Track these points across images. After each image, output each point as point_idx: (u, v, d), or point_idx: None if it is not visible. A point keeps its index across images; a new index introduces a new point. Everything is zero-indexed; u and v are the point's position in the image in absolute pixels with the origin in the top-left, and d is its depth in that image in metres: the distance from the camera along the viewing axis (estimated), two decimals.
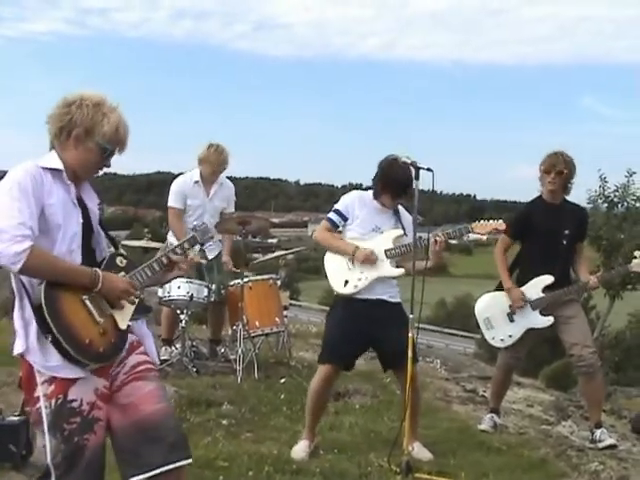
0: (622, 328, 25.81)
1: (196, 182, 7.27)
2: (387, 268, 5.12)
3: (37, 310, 2.86)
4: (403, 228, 5.20)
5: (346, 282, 5.14)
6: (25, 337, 2.91)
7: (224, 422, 5.56)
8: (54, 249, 2.95)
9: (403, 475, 4.61)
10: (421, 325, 4.96)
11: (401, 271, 5.13)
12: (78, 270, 2.96)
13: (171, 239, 7.26)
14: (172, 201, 7.27)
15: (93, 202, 3.24)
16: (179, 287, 6.85)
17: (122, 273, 3.14)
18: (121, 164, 3.31)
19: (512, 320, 5.82)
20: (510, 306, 5.81)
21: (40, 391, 2.93)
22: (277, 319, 7.21)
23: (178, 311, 7.07)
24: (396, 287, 5.27)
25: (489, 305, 6.01)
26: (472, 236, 5.30)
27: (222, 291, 7.31)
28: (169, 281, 3.81)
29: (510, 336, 5.81)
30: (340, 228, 5.28)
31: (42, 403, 2.92)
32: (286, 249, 9.31)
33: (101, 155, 3.11)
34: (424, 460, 5.02)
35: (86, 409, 2.93)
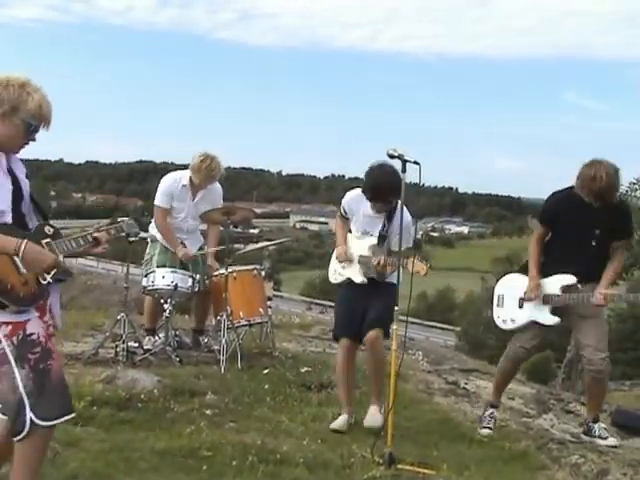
0: None
1: (184, 186, 7.24)
2: (355, 273, 5.77)
3: None
4: (385, 233, 5.68)
5: (335, 271, 5.94)
6: None
7: (208, 412, 5.55)
8: None
9: (386, 466, 4.64)
10: (402, 317, 5.05)
11: (362, 280, 5.72)
12: (2, 240, 3.26)
13: (152, 231, 7.36)
14: (159, 201, 7.26)
15: (22, 172, 3.53)
16: (163, 277, 6.84)
17: (48, 240, 3.46)
18: (103, 152, 3.54)
19: (521, 306, 5.70)
20: (525, 292, 5.67)
21: (0, 333, 3.27)
22: (261, 309, 7.22)
23: (162, 301, 7.06)
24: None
25: (509, 284, 5.89)
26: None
27: (206, 281, 7.31)
28: (88, 255, 4.16)
29: (513, 320, 5.73)
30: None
31: (4, 343, 3.27)
32: (268, 240, 9.32)
33: (26, 130, 3.40)
34: (372, 427, 5.44)
35: (43, 340, 3.34)
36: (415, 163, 4.90)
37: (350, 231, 5.92)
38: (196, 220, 7.35)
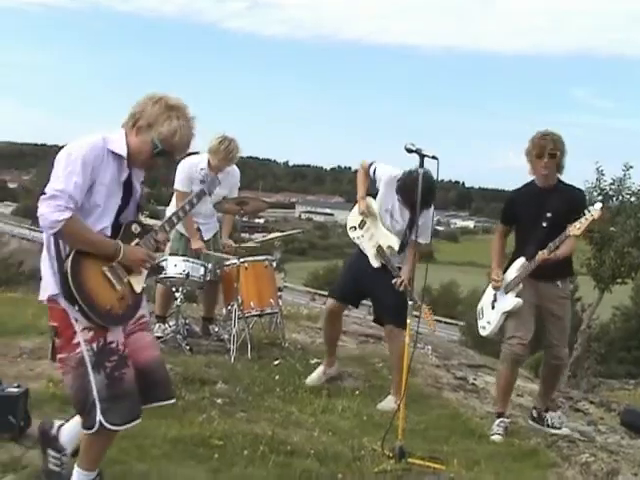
0: (607, 321, 26.00)
1: (202, 169, 7.22)
2: (371, 256, 6.11)
3: (63, 278, 3.25)
4: (408, 232, 5.92)
5: (353, 228, 6.27)
6: (55, 283, 3.31)
7: (218, 401, 5.58)
8: (88, 221, 3.33)
9: (396, 460, 4.65)
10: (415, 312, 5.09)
11: (378, 265, 6.04)
12: (104, 242, 3.37)
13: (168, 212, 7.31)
14: (179, 185, 7.24)
15: (139, 180, 3.62)
16: (175, 265, 6.84)
17: (136, 240, 3.51)
18: None
19: (493, 307, 5.86)
20: (494, 295, 5.85)
21: (80, 337, 3.34)
22: (272, 300, 7.21)
23: (173, 289, 7.07)
24: (398, 258, 6.04)
25: (485, 296, 6.04)
26: None
27: (217, 270, 7.32)
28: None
29: (489, 322, 5.87)
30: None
31: (84, 347, 3.34)
32: (279, 230, 9.31)
33: (152, 150, 3.44)
34: (383, 409, 5.82)
35: (121, 348, 3.41)
36: (433, 158, 4.88)
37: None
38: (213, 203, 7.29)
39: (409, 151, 4.96)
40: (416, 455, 4.74)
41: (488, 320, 5.90)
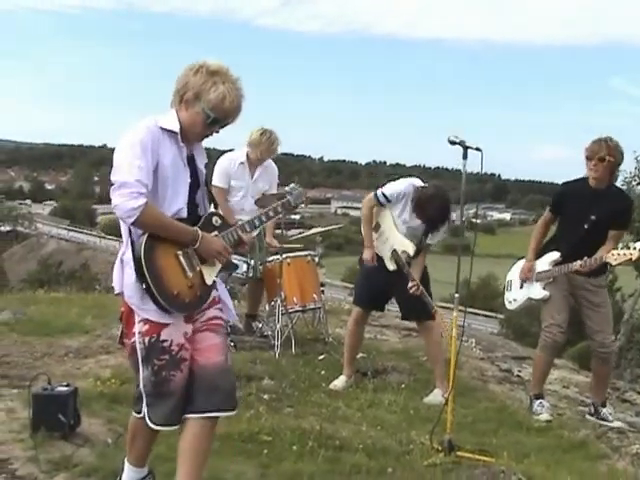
0: None
1: (241, 163, 7.26)
2: (387, 260, 6.09)
3: (137, 260, 3.18)
4: (424, 238, 6.00)
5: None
6: (121, 279, 3.28)
7: (265, 397, 5.60)
8: (163, 205, 3.24)
9: (445, 453, 4.62)
10: (445, 304, 5.12)
11: (394, 268, 6.01)
12: (183, 229, 3.27)
13: None
14: (217, 180, 7.27)
15: (202, 162, 3.51)
16: None
17: (215, 232, 3.42)
18: None
19: (521, 287, 6.13)
20: (520, 273, 6.11)
21: (137, 328, 3.28)
22: (315, 295, 7.22)
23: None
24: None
25: (516, 269, 6.26)
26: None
27: (260, 267, 7.33)
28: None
29: (515, 300, 6.21)
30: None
31: (137, 339, 3.28)
32: (314, 226, 9.28)
33: (204, 120, 3.29)
34: (431, 402, 5.82)
35: (175, 349, 3.28)
36: (477, 149, 4.82)
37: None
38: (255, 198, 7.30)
39: (452, 143, 4.89)
40: (465, 448, 4.70)
41: (515, 297, 6.22)
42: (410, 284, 5.85)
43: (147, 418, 3.32)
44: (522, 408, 6.04)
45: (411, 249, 5.95)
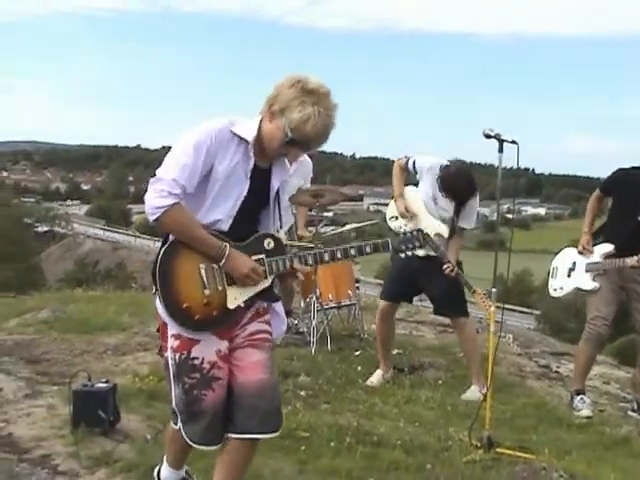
0: None
1: None
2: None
3: (153, 263, 3.02)
4: (454, 225, 5.88)
5: (393, 218, 6.11)
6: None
7: (302, 393, 5.60)
8: (199, 210, 3.05)
9: (485, 450, 4.58)
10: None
11: (426, 254, 5.62)
12: (207, 240, 3.02)
13: None
14: None
15: (279, 179, 3.24)
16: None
17: (261, 256, 3.12)
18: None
19: (569, 275, 6.04)
20: (573, 262, 6.01)
21: (169, 342, 3.12)
22: (350, 292, 7.21)
23: None
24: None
25: (562, 257, 6.21)
26: None
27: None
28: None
29: (561, 288, 6.12)
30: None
31: (169, 354, 3.13)
32: (347, 223, 9.26)
33: (282, 138, 3.02)
34: (468, 399, 5.71)
35: (206, 367, 3.08)
36: (513, 142, 4.76)
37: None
38: (288, 194, 7.27)
39: (487, 137, 4.84)
40: (505, 445, 4.66)
41: (561, 285, 6.12)
42: (445, 265, 5.74)
43: (184, 435, 3.19)
44: (562, 404, 5.98)
45: (444, 231, 5.87)
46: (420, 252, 5.72)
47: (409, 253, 3.37)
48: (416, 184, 6.07)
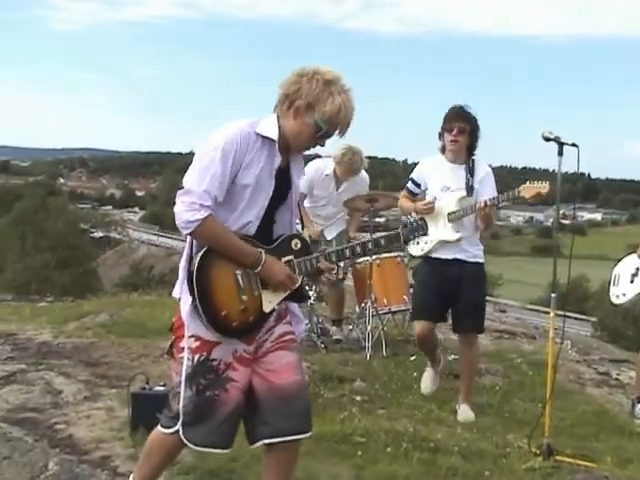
0: None
1: (327, 175, 7.20)
2: (447, 232, 5.36)
3: (189, 272, 3.00)
4: (472, 185, 5.35)
5: (417, 243, 5.48)
6: (182, 285, 3.07)
7: (357, 398, 5.59)
8: (232, 215, 3.04)
9: (544, 457, 4.51)
10: (535, 307, 4.98)
11: (458, 235, 5.33)
12: (243, 249, 3.02)
13: None
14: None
15: (298, 175, 3.26)
16: None
17: (291, 257, 3.14)
18: None
19: (632, 281, 5.92)
20: (637, 268, 5.90)
21: (186, 343, 3.05)
22: (405, 297, 7.18)
23: (307, 287, 7.11)
24: (477, 247, 5.47)
25: (625, 264, 6.09)
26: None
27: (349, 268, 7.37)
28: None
29: (624, 294, 5.98)
30: (419, 195, 5.57)
31: (186, 355, 3.06)
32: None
33: (315, 132, 3.06)
34: (467, 421, 5.27)
35: (222, 368, 3.05)
36: (573, 145, 4.70)
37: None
38: (337, 207, 7.27)
39: (546, 139, 4.77)
40: (564, 452, 4.58)
41: (623, 292, 5.98)
42: (480, 205, 5.20)
43: (183, 438, 3.10)
44: (623, 412, 5.88)
45: (461, 193, 5.36)
46: (453, 237, 5.34)
47: (417, 242, 3.84)
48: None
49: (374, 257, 6.98)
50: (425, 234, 3.36)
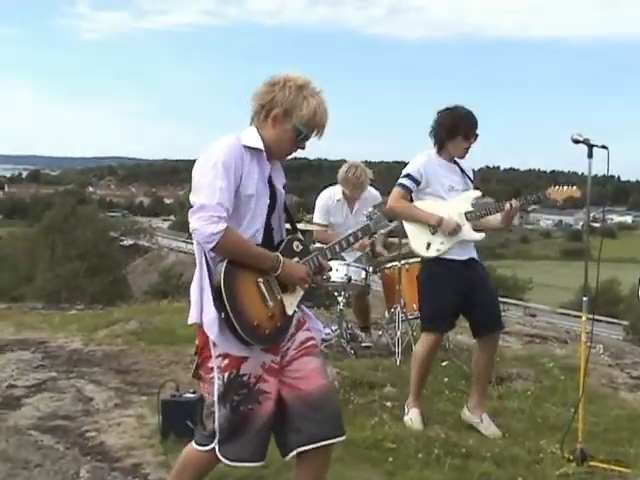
0: None
1: (338, 200, 7.32)
2: (468, 232, 5.21)
3: (215, 288, 3.00)
4: (471, 181, 5.31)
5: (428, 245, 5.21)
6: (199, 307, 3.06)
7: (388, 404, 5.56)
8: (240, 228, 3.08)
9: (578, 463, 4.46)
10: (565, 311, 4.93)
11: (482, 235, 5.26)
12: (262, 254, 3.09)
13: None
14: (316, 218, 7.42)
15: (280, 182, 3.33)
16: (337, 270, 6.84)
17: (296, 258, 3.23)
18: None
19: None
20: None
21: (214, 363, 3.09)
22: None
23: (336, 293, 7.12)
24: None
25: None
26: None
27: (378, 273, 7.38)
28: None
29: None
30: (413, 192, 5.25)
31: (215, 374, 3.09)
32: None
33: (295, 137, 3.17)
34: (492, 436, 5.03)
35: (253, 381, 3.09)
36: (603, 147, 4.65)
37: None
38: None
39: (576, 142, 4.73)
40: (598, 458, 4.54)
41: None
42: (508, 205, 5.08)
43: (219, 455, 3.14)
44: None
45: (475, 192, 5.29)
46: (475, 236, 5.23)
47: (383, 231, 3.83)
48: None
49: (402, 262, 6.96)
50: (391, 220, 3.54)
